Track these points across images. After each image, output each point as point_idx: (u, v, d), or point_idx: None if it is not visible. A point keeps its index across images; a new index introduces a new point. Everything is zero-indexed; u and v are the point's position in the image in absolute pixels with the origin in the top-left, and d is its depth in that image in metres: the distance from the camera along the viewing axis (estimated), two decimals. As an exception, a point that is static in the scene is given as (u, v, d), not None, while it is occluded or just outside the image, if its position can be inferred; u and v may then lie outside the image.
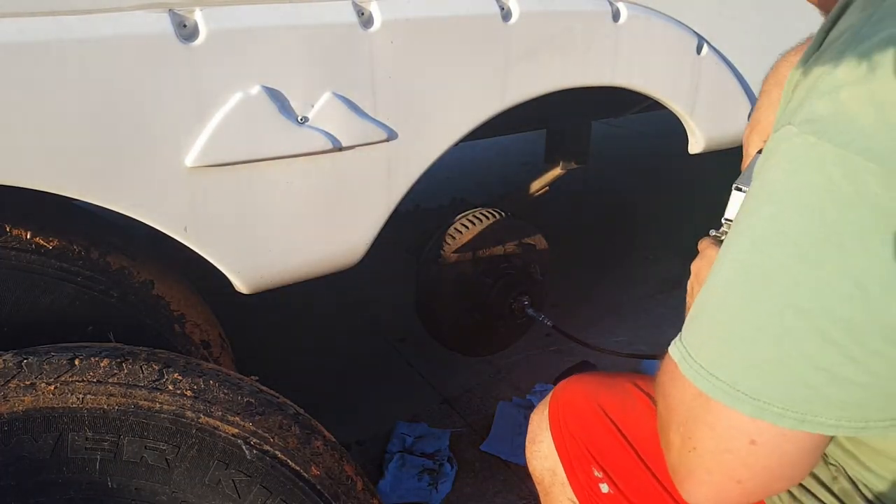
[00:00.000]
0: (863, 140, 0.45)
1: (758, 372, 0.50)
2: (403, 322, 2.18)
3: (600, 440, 0.96)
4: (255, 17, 0.87)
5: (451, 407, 1.98)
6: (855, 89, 0.46)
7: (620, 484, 0.93)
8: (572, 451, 0.99)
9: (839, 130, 0.46)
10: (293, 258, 1.02)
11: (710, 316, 0.53)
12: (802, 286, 0.48)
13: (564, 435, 1.00)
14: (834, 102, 0.47)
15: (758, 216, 0.50)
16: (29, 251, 0.93)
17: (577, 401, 1.00)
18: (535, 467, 1.08)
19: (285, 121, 0.92)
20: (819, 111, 0.48)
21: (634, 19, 1.18)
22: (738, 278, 0.51)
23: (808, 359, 0.48)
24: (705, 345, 0.53)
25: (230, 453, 0.87)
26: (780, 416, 0.49)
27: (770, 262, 0.49)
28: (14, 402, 0.79)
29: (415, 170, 1.07)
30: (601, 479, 0.95)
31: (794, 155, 0.49)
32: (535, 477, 1.08)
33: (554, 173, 1.97)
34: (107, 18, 0.79)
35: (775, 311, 0.49)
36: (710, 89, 1.33)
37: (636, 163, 4.07)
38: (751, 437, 0.51)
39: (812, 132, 0.48)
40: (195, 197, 0.90)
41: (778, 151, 0.50)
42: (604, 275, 2.75)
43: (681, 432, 0.55)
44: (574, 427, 0.99)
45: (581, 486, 0.97)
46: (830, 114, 0.47)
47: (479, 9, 1.03)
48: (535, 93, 1.14)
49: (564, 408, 1.01)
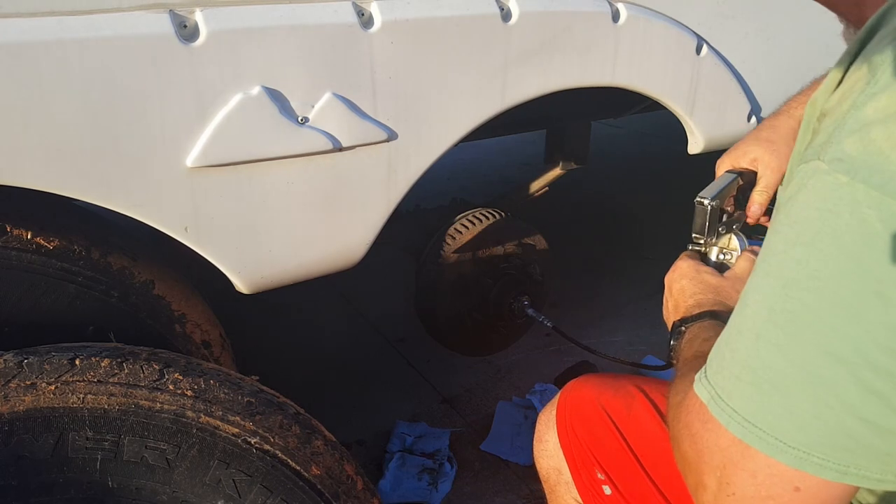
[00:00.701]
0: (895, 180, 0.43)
1: (797, 421, 0.48)
2: (403, 322, 2.18)
3: (603, 443, 0.96)
4: (256, 18, 0.88)
5: (451, 407, 1.98)
6: (885, 128, 0.44)
7: (622, 488, 0.94)
8: (577, 453, 0.99)
9: (872, 171, 0.44)
10: (293, 258, 1.02)
11: (742, 361, 0.51)
12: (841, 335, 0.45)
13: (570, 436, 1.01)
14: (864, 141, 0.45)
15: (787, 256, 0.48)
16: (30, 251, 0.93)
17: (583, 403, 1.01)
18: (541, 465, 1.08)
19: (285, 121, 0.92)
20: (849, 150, 0.46)
21: (634, 20, 1.18)
22: (769, 323, 0.49)
23: (850, 409, 0.46)
24: (738, 389, 0.51)
25: (231, 453, 0.87)
26: (822, 466, 0.47)
27: (803, 309, 0.47)
28: (15, 401, 0.79)
29: (415, 170, 1.07)
30: (604, 481, 0.95)
31: (826, 195, 0.46)
32: (542, 475, 1.09)
33: (554, 173, 1.97)
34: (107, 19, 0.79)
35: (809, 360, 0.47)
36: (709, 90, 1.33)
37: (636, 163, 4.07)
38: (794, 484, 0.49)
39: (844, 171, 0.45)
40: (195, 197, 0.91)
41: (806, 188, 0.48)
42: (603, 275, 2.75)
43: (717, 476, 0.52)
44: (579, 429, 0.99)
45: (585, 486, 0.98)
46: (861, 153, 0.45)
47: (479, 9, 1.03)
48: (535, 93, 1.14)
49: (571, 409, 1.02)
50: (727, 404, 0.51)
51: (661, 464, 0.90)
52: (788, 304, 0.48)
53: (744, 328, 0.51)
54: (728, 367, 0.52)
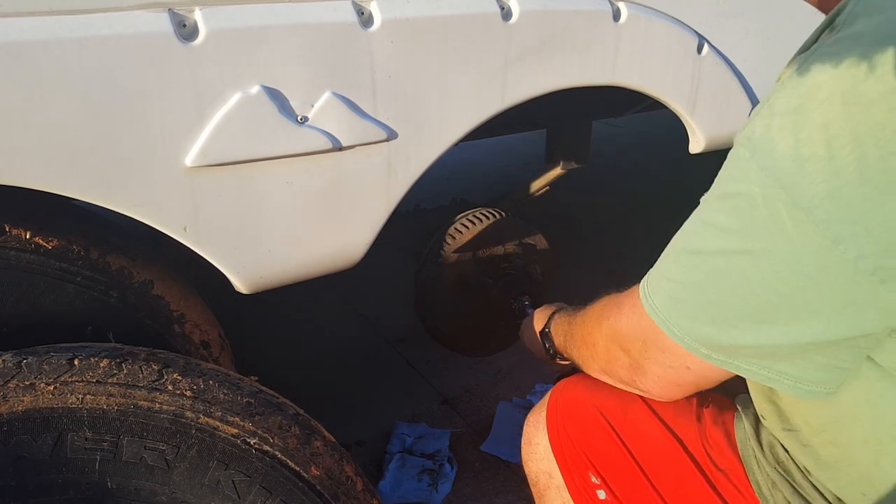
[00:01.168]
0: (777, 168, 0.52)
1: (689, 322, 0.65)
2: (403, 322, 2.18)
3: (599, 445, 0.94)
4: (255, 17, 0.87)
5: (451, 407, 1.98)
6: (782, 119, 0.52)
7: (617, 492, 0.91)
8: (569, 455, 0.97)
9: (764, 154, 0.53)
10: (293, 258, 1.02)
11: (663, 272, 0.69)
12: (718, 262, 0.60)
13: (562, 437, 0.98)
14: (766, 127, 0.54)
15: (704, 203, 0.63)
16: (28, 251, 0.93)
17: (576, 403, 0.98)
18: (530, 469, 1.06)
19: (285, 120, 0.92)
20: (756, 130, 0.55)
21: (635, 19, 1.18)
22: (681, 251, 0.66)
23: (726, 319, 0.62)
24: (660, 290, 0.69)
25: (230, 453, 0.87)
26: (707, 357, 0.65)
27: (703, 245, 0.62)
28: (14, 402, 0.79)
29: (415, 170, 1.07)
30: (598, 485, 0.93)
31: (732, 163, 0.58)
32: (531, 478, 1.07)
33: (554, 173, 1.97)
34: (106, 18, 0.79)
35: (699, 281, 0.62)
36: (710, 89, 1.33)
37: (636, 163, 4.07)
38: (686, 364, 0.70)
39: (748, 148, 0.55)
40: (195, 197, 0.90)
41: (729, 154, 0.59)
42: (603, 275, 2.75)
43: (638, 345, 0.74)
44: (572, 430, 0.97)
45: (578, 490, 0.96)
46: (761, 136, 0.54)
47: (479, 8, 1.03)
48: (536, 92, 1.14)
49: (563, 409, 1.00)
50: (652, 299, 0.69)
51: (664, 468, 0.88)
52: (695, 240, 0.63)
53: (668, 251, 0.68)
54: (656, 273, 0.70)
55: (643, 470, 0.90)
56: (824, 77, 0.50)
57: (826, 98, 0.49)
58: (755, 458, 0.79)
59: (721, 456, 0.85)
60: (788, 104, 0.52)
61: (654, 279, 0.70)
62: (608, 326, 0.82)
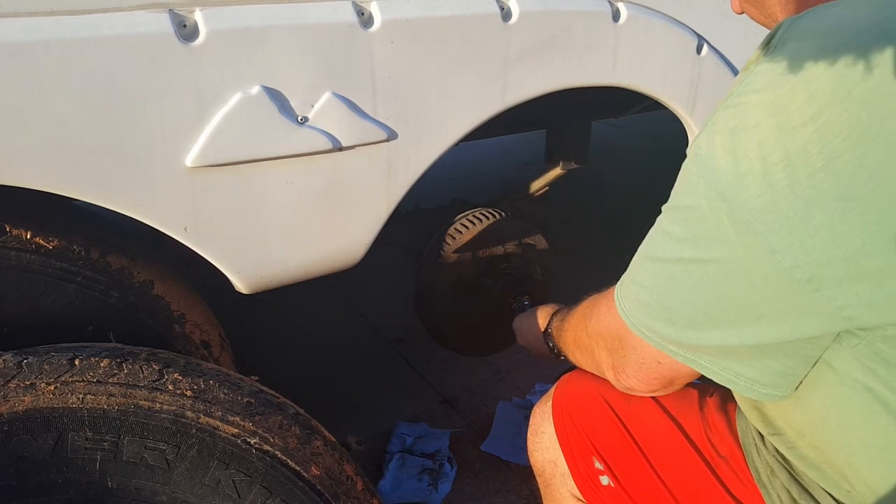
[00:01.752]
0: (720, 183, 0.55)
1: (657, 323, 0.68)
2: (403, 322, 2.18)
3: (603, 431, 0.96)
4: (255, 17, 0.87)
5: (451, 407, 1.98)
6: (722, 138, 0.56)
7: (621, 477, 0.93)
8: (574, 441, 0.99)
9: (707, 169, 0.57)
10: (293, 258, 1.02)
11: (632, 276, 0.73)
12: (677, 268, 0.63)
13: (567, 425, 1.00)
14: (709, 143, 0.57)
15: (664, 210, 0.66)
16: (29, 251, 0.93)
17: (582, 391, 1.01)
18: (536, 459, 1.08)
19: (285, 121, 0.92)
20: (702, 146, 0.58)
21: (634, 19, 1.18)
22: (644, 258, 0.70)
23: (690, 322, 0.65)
24: (629, 293, 0.73)
25: (230, 453, 0.87)
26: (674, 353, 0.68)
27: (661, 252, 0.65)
28: (14, 402, 0.79)
29: (415, 170, 1.07)
30: (602, 471, 0.95)
31: (683, 177, 0.62)
32: (536, 469, 1.09)
33: (554, 173, 1.97)
34: (107, 18, 0.79)
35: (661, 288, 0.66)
36: (710, 89, 1.33)
37: (636, 163, 4.07)
38: (657, 360, 0.74)
39: (694, 163, 0.59)
40: (195, 197, 0.90)
41: (683, 165, 0.62)
42: (604, 275, 2.75)
43: (614, 344, 0.79)
44: (577, 417, 0.99)
45: (582, 476, 0.98)
46: (705, 153, 0.57)
47: (479, 9, 1.03)
48: (536, 92, 1.14)
49: (568, 398, 1.02)
50: (623, 301, 0.74)
51: (667, 455, 0.90)
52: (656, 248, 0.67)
53: (637, 256, 0.72)
54: (627, 276, 0.74)
55: (646, 456, 0.91)
56: (758, 98, 0.54)
57: (757, 123, 0.53)
58: (755, 446, 0.82)
59: (722, 443, 0.87)
60: (727, 124, 0.56)
61: (625, 282, 0.75)
62: (591, 327, 0.87)
